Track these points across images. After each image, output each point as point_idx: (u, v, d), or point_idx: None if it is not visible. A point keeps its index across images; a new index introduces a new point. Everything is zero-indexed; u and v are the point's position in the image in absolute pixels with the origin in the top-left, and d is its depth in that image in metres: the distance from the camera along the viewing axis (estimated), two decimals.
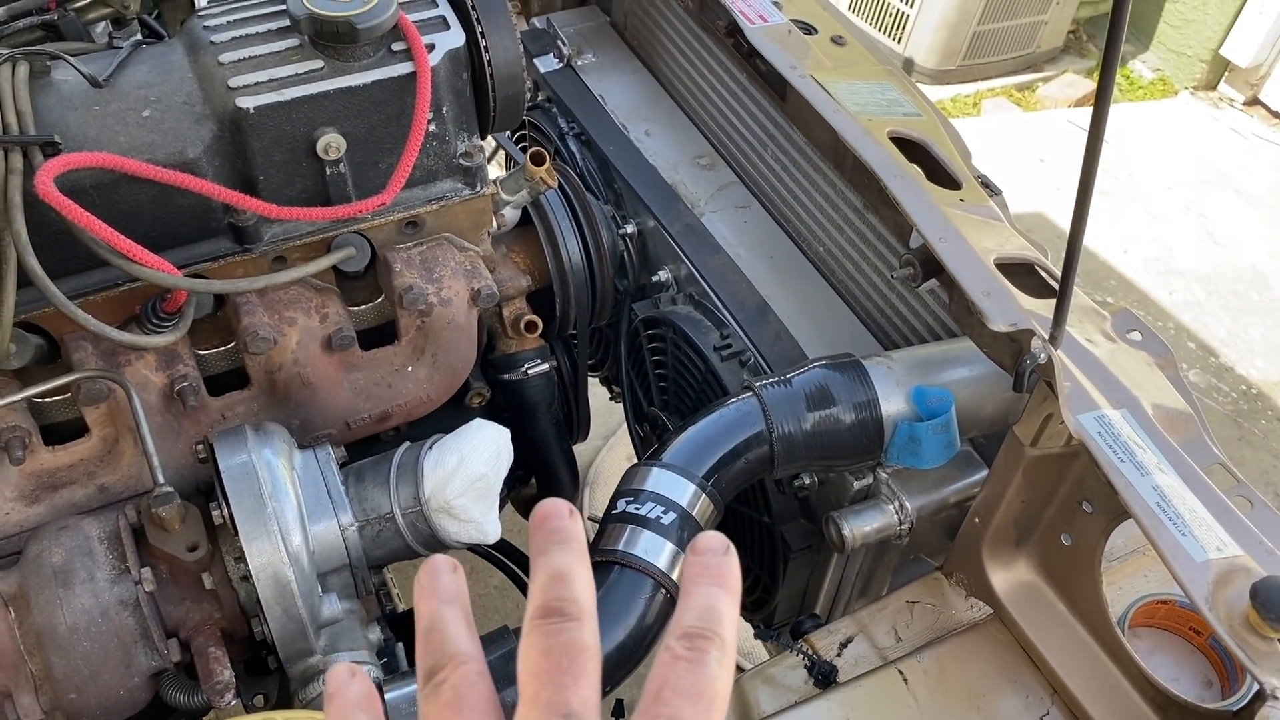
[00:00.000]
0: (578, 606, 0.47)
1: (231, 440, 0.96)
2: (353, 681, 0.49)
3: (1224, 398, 3.12)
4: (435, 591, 0.49)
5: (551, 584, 0.47)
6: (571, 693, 0.44)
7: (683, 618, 0.47)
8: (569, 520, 0.50)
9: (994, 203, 1.14)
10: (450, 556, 0.52)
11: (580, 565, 0.48)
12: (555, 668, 0.45)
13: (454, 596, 0.49)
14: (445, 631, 0.47)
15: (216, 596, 0.96)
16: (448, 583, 0.49)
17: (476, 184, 1.16)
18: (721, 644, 0.46)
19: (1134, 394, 0.97)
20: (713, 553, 0.49)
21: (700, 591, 0.48)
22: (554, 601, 0.47)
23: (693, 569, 0.49)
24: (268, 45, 1.05)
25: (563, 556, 0.48)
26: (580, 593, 0.47)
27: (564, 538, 0.49)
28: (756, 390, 1.16)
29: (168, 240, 1.05)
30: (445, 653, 0.47)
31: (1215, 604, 0.83)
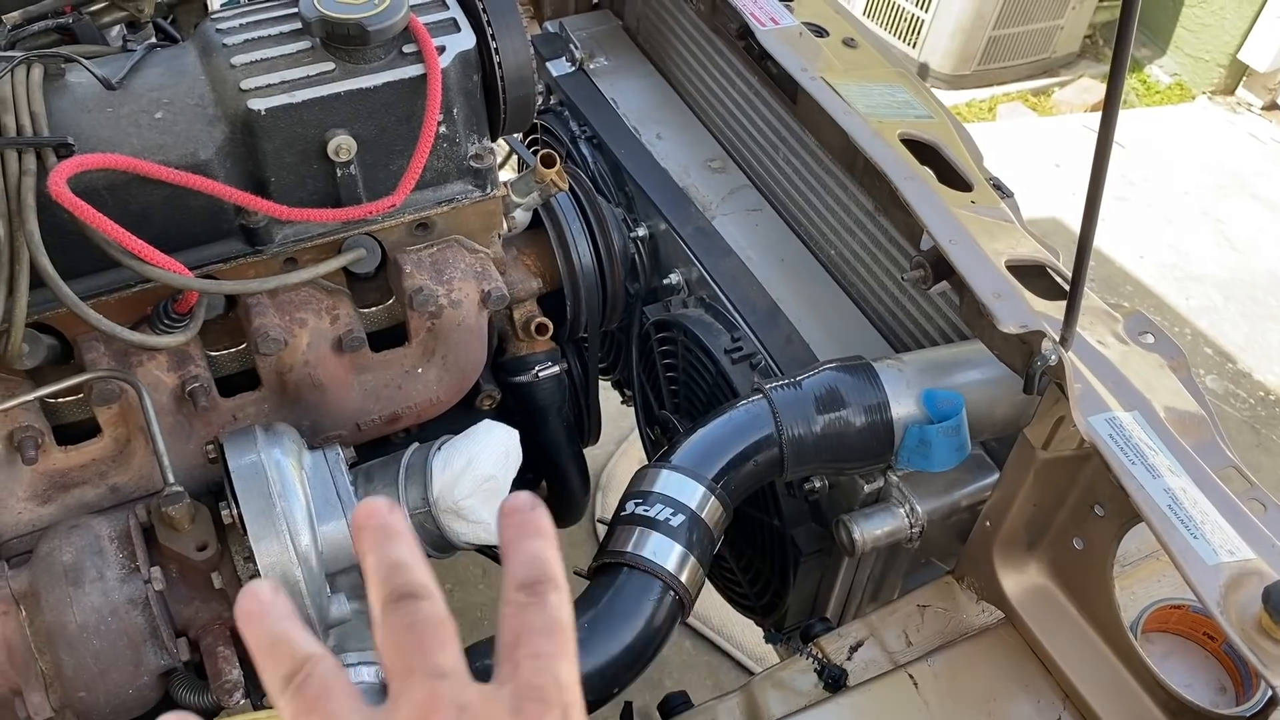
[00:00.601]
0: (424, 587, 0.49)
1: (241, 440, 0.96)
2: (392, 514, 0.51)
3: (1241, 404, 3.09)
4: (265, 611, 0.49)
5: (391, 573, 0.49)
6: (440, 656, 0.47)
7: (515, 572, 0.50)
8: (390, 515, 0.51)
9: (1005, 205, 1.14)
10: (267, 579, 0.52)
11: (412, 553, 0.50)
12: (418, 640, 0.47)
13: (284, 613, 0.49)
14: (290, 640, 0.48)
15: (225, 596, 0.96)
16: (273, 600, 0.49)
17: (487, 186, 1.16)
18: (555, 584, 0.49)
19: (1146, 396, 0.96)
20: (521, 510, 0.52)
21: (522, 545, 0.50)
22: (398, 587, 0.48)
23: (509, 530, 0.51)
24: (279, 48, 1.05)
25: (393, 548, 0.50)
26: (422, 575, 0.49)
27: (389, 533, 0.51)
28: (766, 392, 1.16)
29: (179, 241, 1.06)
30: (298, 657, 0.47)
31: (1227, 607, 0.82)
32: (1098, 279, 3.40)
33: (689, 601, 1.05)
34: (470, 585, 2.31)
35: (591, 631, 0.99)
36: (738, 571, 1.53)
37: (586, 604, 1.01)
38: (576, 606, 1.02)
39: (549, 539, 0.51)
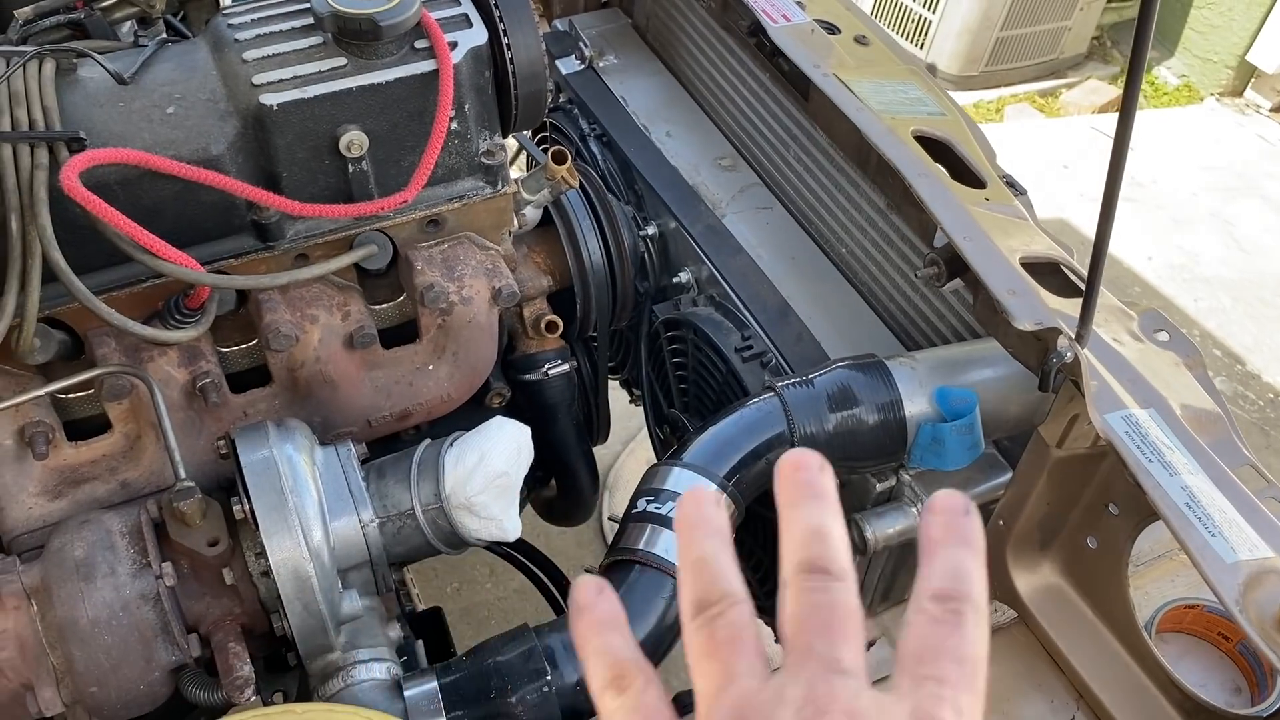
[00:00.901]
0: (840, 566, 0.46)
1: (253, 435, 0.96)
2: (603, 598, 0.49)
3: (1250, 405, 3.08)
4: (703, 523, 0.48)
5: (812, 540, 0.47)
6: (844, 650, 0.44)
7: (931, 579, 0.46)
8: (820, 474, 0.49)
9: (1019, 202, 1.13)
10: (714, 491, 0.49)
11: (837, 523, 0.48)
12: (826, 624, 0.45)
13: (723, 531, 0.48)
14: (717, 567, 0.47)
15: (237, 592, 0.96)
16: (714, 516, 0.48)
17: (498, 183, 1.15)
18: (976, 606, 0.45)
19: (1162, 394, 0.95)
20: (954, 512, 0.48)
21: (947, 552, 0.47)
22: (818, 559, 0.46)
23: (935, 529, 0.48)
24: (291, 43, 1.05)
25: (819, 512, 0.48)
26: (841, 552, 0.47)
27: (817, 491, 0.48)
28: (778, 390, 1.15)
29: (191, 236, 1.05)
30: (719, 588, 0.46)
31: (1246, 606, 0.81)
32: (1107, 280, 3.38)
33: None
34: (478, 584, 2.30)
35: None
36: (746, 570, 1.52)
37: None
38: None
39: (977, 553, 0.47)
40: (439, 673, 0.95)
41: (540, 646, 0.95)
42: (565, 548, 2.39)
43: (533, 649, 0.95)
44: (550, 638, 0.97)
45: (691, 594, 0.47)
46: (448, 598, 2.28)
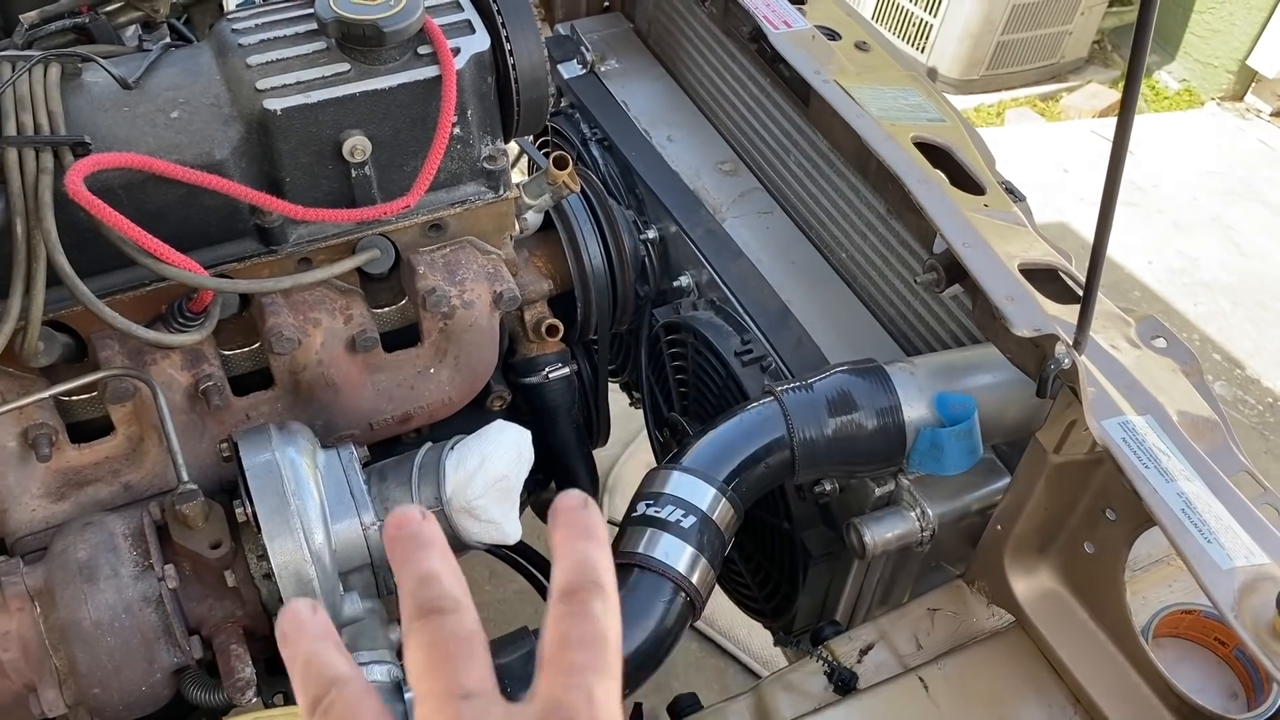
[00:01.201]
0: (451, 600, 0.47)
1: (256, 438, 0.97)
2: (425, 523, 0.50)
3: (1250, 410, 3.09)
4: (302, 631, 0.48)
5: (419, 587, 0.48)
6: (465, 675, 0.45)
7: (560, 577, 0.48)
8: (423, 524, 0.50)
9: (1018, 208, 1.14)
10: (306, 598, 0.52)
11: (443, 563, 0.49)
12: (442, 657, 0.45)
13: (322, 632, 0.48)
14: (321, 661, 0.47)
15: (239, 594, 0.96)
16: (311, 621, 0.49)
17: (500, 187, 1.16)
18: (601, 591, 0.47)
19: (1159, 400, 0.96)
20: (572, 509, 0.50)
21: (570, 548, 0.48)
22: (425, 601, 0.47)
23: (558, 530, 0.49)
24: (295, 48, 1.06)
25: (424, 559, 0.49)
26: (450, 588, 0.48)
27: (421, 541, 0.49)
28: (777, 395, 1.16)
29: (194, 240, 1.06)
30: (326, 679, 0.46)
31: (1241, 612, 0.82)
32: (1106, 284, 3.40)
33: (700, 603, 1.05)
34: (477, 586, 2.31)
35: None
36: (746, 575, 1.53)
37: None
38: None
39: (599, 541, 0.49)
40: None
41: None
42: None
43: (531, 652, 0.95)
44: None
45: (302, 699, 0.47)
46: None
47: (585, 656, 0.45)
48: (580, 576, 0.48)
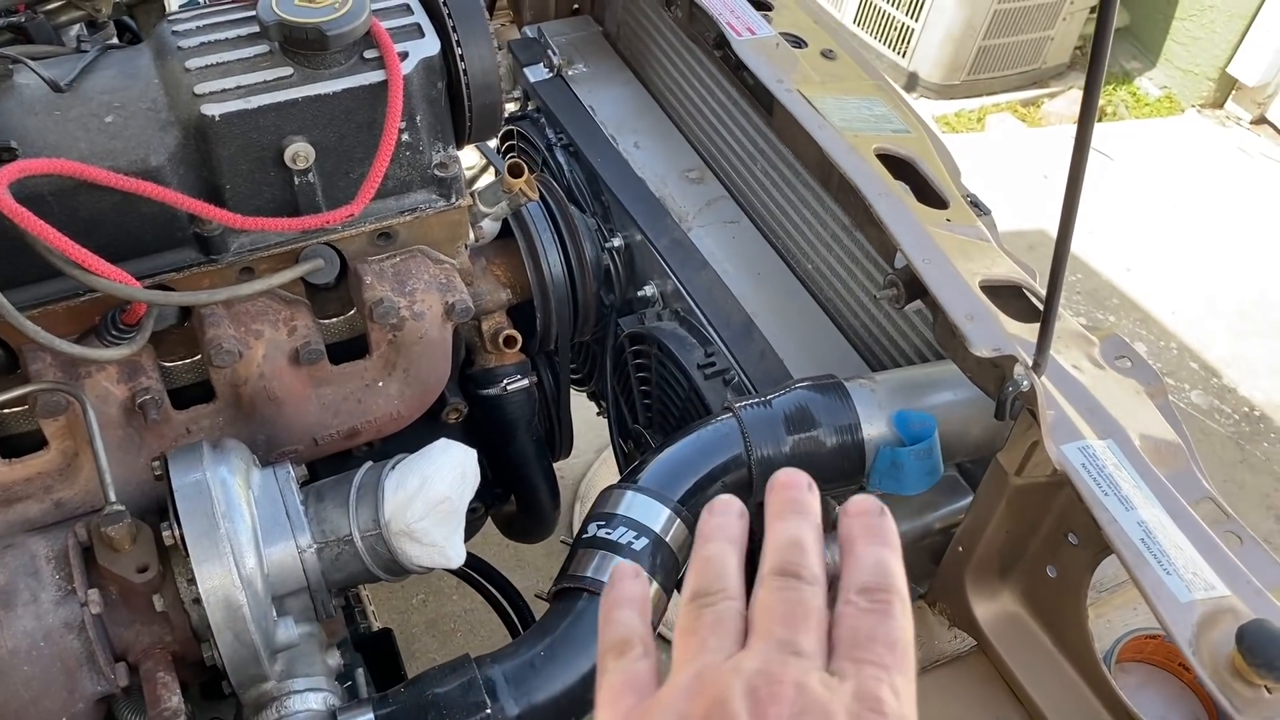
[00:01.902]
0: (812, 574, 0.52)
1: (186, 458, 0.93)
2: (634, 581, 0.56)
3: (1226, 419, 3.08)
4: (721, 531, 0.55)
5: (789, 549, 0.52)
6: (805, 637, 0.49)
7: (856, 575, 0.51)
8: (807, 493, 0.55)
9: (982, 222, 1.11)
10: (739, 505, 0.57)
11: (815, 538, 0.53)
12: (792, 614, 0.50)
13: (737, 539, 0.55)
14: (723, 565, 0.53)
15: (168, 619, 0.93)
16: (733, 525, 0.55)
17: (452, 195, 1.13)
18: (901, 596, 0.51)
19: (1121, 424, 0.93)
20: (870, 514, 0.53)
21: (868, 550, 0.52)
22: (791, 565, 0.52)
23: (853, 529, 0.53)
24: (236, 51, 1.02)
25: (799, 526, 0.53)
26: (815, 563, 0.52)
27: (801, 509, 0.54)
28: (736, 411, 1.13)
29: (130, 250, 1.02)
30: (719, 583, 0.52)
31: (1200, 647, 0.79)
32: (1084, 291, 3.39)
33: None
34: (444, 596, 2.28)
35: (549, 659, 0.95)
36: None
37: (544, 631, 0.98)
38: (533, 633, 1.00)
39: (895, 550, 0.53)
40: (376, 704, 0.92)
41: (480, 678, 0.92)
42: (535, 558, 2.36)
43: (472, 680, 0.92)
44: (492, 669, 0.94)
45: (693, 584, 0.53)
46: (414, 609, 2.25)
47: (890, 656, 0.48)
48: (880, 578, 0.51)
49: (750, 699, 0.46)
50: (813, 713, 0.45)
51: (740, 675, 0.47)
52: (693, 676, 0.48)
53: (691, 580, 0.53)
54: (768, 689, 0.46)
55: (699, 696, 0.47)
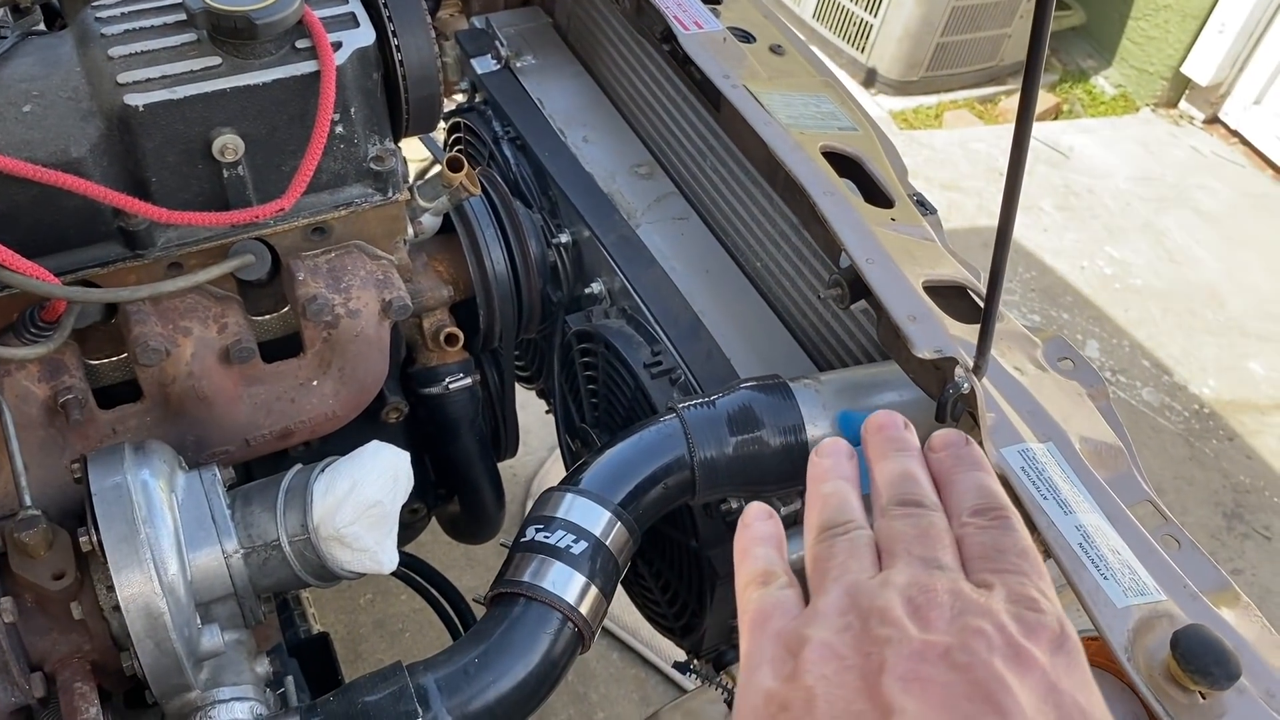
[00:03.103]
0: (931, 501, 0.54)
1: (107, 460, 0.90)
2: (767, 521, 0.60)
3: (1176, 417, 3.11)
4: (835, 470, 0.58)
5: (903, 481, 0.55)
6: (943, 552, 0.51)
7: (963, 500, 0.54)
8: (905, 431, 0.59)
9: (927, 222, 1.10)
10: (848, 446, 0.61)
11: (923, 470, 0.56)
12: (925, 535, 0.52)
13: (851, 477, 0.57)
14: (844, 499, 0.56)
15: (86, 627, 0.89)
16: (844, 465, 0.58)
17: (389, 189, 1.10)
18: (1013, 512, 0.54)
19: (1061, 426, 0.93)
20: (957, 445, 0.58)
21: (966, 476, 0.55)
22: (910, 495, 0.54)
23: (945, 462, 0.57)
24: (162, 40, 0.99)
25: (906, 460, 0.56)
26: (930, 491, 0.55)
27: (903, 445, 0.57)
28: (679, 412, 1.11)
29: (51, 244, 0.99)
30: (846, 514, 0.55)
31: (1135, 653, 0.79)
32: (1038, 289, 3.41)
33: (589, 634, 1.00)
34: (392, 595, 2.24)
35: (484, 666, 0.93)
36: (656, 591, 1.48)
37: (480, 637, 0.96)
38: (469, 639, 0.97)
39: (990, 472, 0.55)
40: (304, 713, 0.90)
41: (413, 686, 0.90)
42: (486, 558, 2.34)
43: (404, 688, 0.90)
44: (424, 677, 0.92)
45: (818, 519, 0.57)
46: (361, 609, 2.22)
47: (1026, 563, 0.50)
48: (988, 499, 0.53)
49: (909, 606, 0.48)
50: (973, 612, 0.47)
51: (893, 587, 0.49)
52: (844, 592, 0.50)
53: (816, 516, 0.57)
54: (923, 596, 0.48)
55: (856, 608, 0.49)
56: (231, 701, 0.90)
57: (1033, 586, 0.49)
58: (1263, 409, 3.17)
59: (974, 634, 0.46)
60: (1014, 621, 0.47)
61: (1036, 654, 0.46)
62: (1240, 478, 2.97)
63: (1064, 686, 0.45)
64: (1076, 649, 0.47)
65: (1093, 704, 0.46)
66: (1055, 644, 0.47)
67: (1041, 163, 3.92)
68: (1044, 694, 0.44)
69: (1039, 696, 0.44)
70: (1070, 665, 0.47)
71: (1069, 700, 0.45)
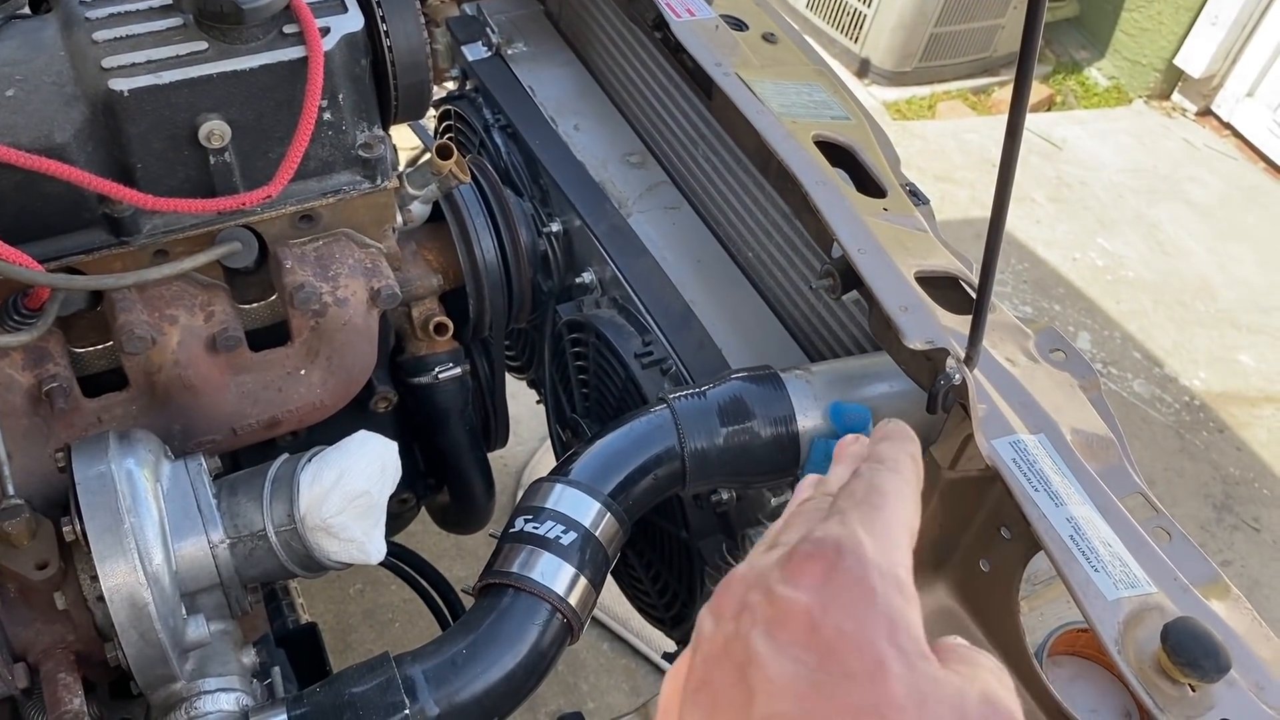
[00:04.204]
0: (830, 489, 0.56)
1: (91, 449, 0.89)
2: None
3: (1167, 409, 3.12)
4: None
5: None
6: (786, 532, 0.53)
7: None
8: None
9: (920, 212, 1.10)
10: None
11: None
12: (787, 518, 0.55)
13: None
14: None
15: (70, 618, 0.89)
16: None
17: (377, 177, 1.09)
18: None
19: (1053, 418, 0.92)
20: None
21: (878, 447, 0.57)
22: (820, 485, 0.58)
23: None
24: (147, 24, 0.97)
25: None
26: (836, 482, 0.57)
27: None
28: (670, 403, 1.10)
29: (36, 230, 0.98)
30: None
31: (1125, 645, 0.78)
32: (1030, 281, 3.41)
33: (578, 625, 0.99)
34: (383, 585, 2.24)
35: (471, 658, 0.93)
36: (646, 581, 1.48)
37: (468, 628, 0.95)
38: (456, 630, 0.97)
39: (902, 439, 0.58)
40: (290, 704, 0.89)
41: (400, 677, 0.89)
42: (477, 548, 2.33)
43: (390, 680, 0.89)
44: (411, 668, 0.91)
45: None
46: (351, 599, 2.21)
47: (850, 501, 0.50)
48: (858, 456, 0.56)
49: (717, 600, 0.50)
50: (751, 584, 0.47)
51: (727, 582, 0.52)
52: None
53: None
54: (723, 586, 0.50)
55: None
56: (217, 692, 0.89)
57: (835, 519, 0.47)
58: (1253, 401, 3.17)
59: (745, 611, 0.45)
60: (780, 570, 0.45)
61: (798, 598, 0.43)
62: (1230, 469, 2.97)
63: (828, 621, 0.42)
64: (851, 568, 0.44)
65: (866, 622, 0.42)
66: (824, 574, 0.44)
67: (1034, 154, 3.92)
68: (804, 642, 0.42)
69: (799, 647, 0.42)
70: (840, 589, 0.43)
71: (831, 634, 0.42)
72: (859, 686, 0.40)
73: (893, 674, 0.40)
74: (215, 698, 0.89)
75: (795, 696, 0.40)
